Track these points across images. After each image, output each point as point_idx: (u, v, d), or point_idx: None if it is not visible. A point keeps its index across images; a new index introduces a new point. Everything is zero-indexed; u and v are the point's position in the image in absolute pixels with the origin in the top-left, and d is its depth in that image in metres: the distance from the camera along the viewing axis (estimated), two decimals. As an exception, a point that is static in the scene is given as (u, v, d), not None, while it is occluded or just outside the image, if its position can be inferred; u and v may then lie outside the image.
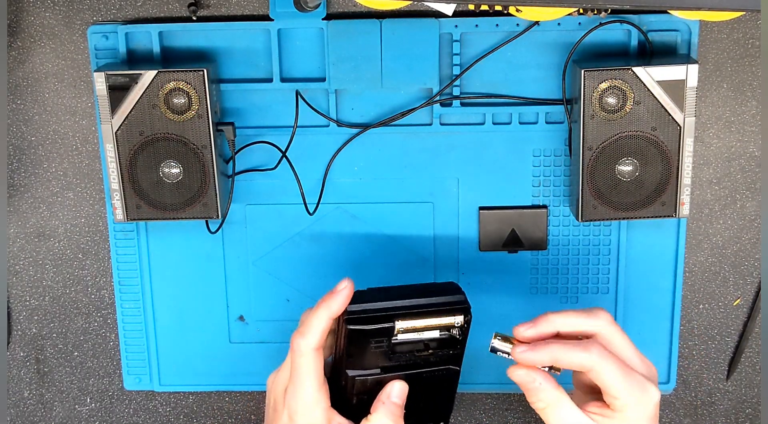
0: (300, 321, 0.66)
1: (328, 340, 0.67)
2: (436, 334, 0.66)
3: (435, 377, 0.68)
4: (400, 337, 0.65)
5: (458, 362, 0.68)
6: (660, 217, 0.74)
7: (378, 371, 0.67)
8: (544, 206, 0.79)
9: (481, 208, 0.80)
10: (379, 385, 0.67)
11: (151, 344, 0.83)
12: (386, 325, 0.64)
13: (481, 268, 0.81)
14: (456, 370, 0.68)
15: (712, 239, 0.82)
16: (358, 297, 0.65)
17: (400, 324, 0.65)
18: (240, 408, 0.87)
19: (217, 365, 0.84)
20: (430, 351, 0.66)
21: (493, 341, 0.66)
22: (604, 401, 0.65)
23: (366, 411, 0.67)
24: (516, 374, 0.66)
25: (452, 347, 0.67)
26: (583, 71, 0.71)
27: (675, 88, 0.71)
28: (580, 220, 0.74)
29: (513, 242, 0.80)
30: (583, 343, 0.64)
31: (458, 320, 0.66)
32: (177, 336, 0.83)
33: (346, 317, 0.64)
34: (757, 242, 0.81)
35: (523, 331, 0.65)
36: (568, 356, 0.63)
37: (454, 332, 0.66)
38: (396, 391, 0.67)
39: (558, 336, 0.66)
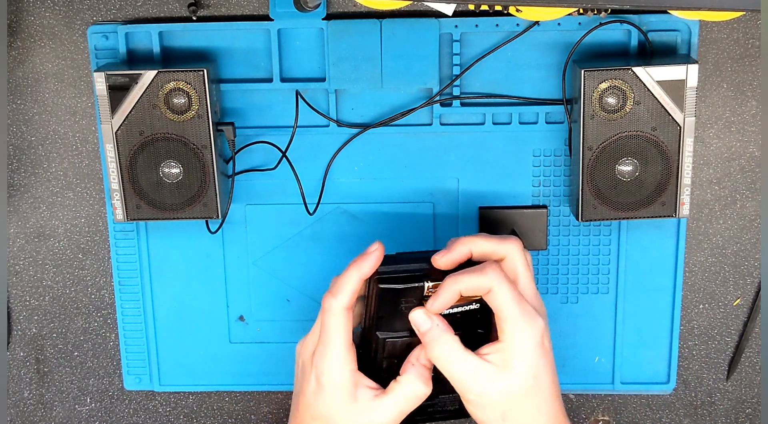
0: (330, 285, 0.68)
1: (357, 308, 0.69)
2: (465, 306, 0.67)
3: (464, 343, 0.68)
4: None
5: (486, 328, 0.69)
6: (660, 217, 0.74)
7: (407, 333, 0.68)
8: (544, 206, 0.79)
9: (480, 208, 0.80)
10: (409, 348, 0.68)
11: (151, 344, 0.83)
12: (416, 284, 0.66)
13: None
14: (483, 334, 0.69)
15: (712, 239, 0.82)
16: (388, 260, 0.68)
17: (429, 285, 0.66)
18: (240, 408, 0.87)
19: (217, 365, 0.84)
20: (458, 315, 0.67)
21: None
22: (493, 340, 0.66)
23: (395, 376, 0.68)
24: (415, 314, 0.67)
25: (481, 312, 0.68)
26: (583, 71, 0.71)
27: (675, 88, 0.71)
28: (580, 220, 0.74)
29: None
30: (480, 267, 0.65)
31: None
32: (177, 336, 0.83)
33: (378, 277, 0.67)
34: (757, 242, 0.81)
35: (439, 258, 0.66)
36: (467, 280, 0.64)
37: (478, 296, 0.67)
38: (424, 353, 0.68)
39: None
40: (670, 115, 0.71)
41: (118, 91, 0.72)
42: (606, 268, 0.81)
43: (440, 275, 0.67)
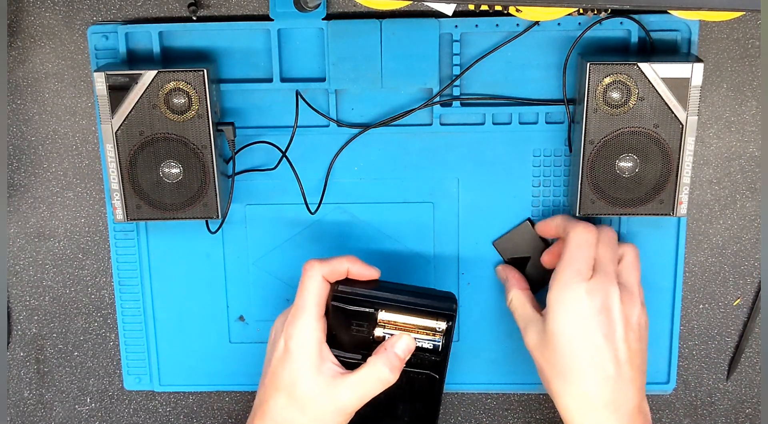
0: None
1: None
2: (418, 342, 0.70)
3: (415, 381, 0.71)
4: (384, 333, 0.70)
5: (440, 371, 0.71)
6: (657, 214, 0.74)
7: (359, 357, 0.70)
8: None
9: (530, 220, 0.79)
10: None
11: (151, 344, 0.83)
12: (367, 309, 0.69)
13: (482, 268, 0.81)
14: (435, 377, 0.72)
15: (712, 239, 0.82)
16: (359, 283, 0.70)
17: (383, 315, 0.69)
18: (240, 408, 0.87)
19: (217, 365, 0.84)
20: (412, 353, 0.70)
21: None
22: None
23: None
24: (497, 270, 0.80)
25: (433, 353, 0.70)
26: (588, 64, 0.70)
27: (679, 86, 0.71)
28: (578, 214, 0.74)
29: (520, 266, 0.80)
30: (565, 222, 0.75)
31: (441, 325, 0.70)
32: (177, 336, 0.83)
33: (335, 294, 0.69)
34: (757, 242, 0.81)
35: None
36: (566, 221, 0.75)
37: (436, 336, 0.70)
38: (401, 343, 0.70)
39: None
40: (673, 112, 0.71)
41: (118, 91, 0.72)
42: (606, 268, 0.81)
43: (396, 309, 0.69)
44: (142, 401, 0.87)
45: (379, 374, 0.68)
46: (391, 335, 0.70)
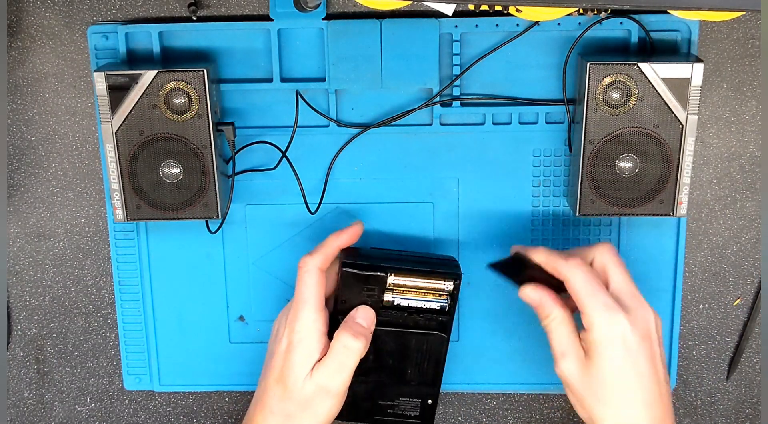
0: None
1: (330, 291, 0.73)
2: (426, 303, 0.72)
3: (424, 342, 0.74)
4: (393, 297, 0.72)
5: (446, 330, 0.74)
6: (657, 214, 0.74)
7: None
8: None
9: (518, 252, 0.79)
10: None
11: (151, 344, 0.83)
12: (378, 273, 0.71)
13: (482, 268, 0.81)
14: (443, 337, 0.74)
15: (712, 239, 0.82)
16: (363, 252, 0.73)
17: (392, 279, 0.71)
18: (240, 408, 0.87)
19: (217, 365, 0.84)
20: (420, 315, 0.72)
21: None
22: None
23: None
24: (525, 292, 0.71)
25: (441, 313, 0.72)
26: (588, 64, 0.70)
27: (679, 87, 0.71)
28: (578, 214, 0.74)
29: (519, 268, 0.79)
30: (565, 253, 0.70)
31: (448, 285, 0.72)
32: (177, 336, 0.83)
33: (343, 261, 0.71)
34: (757, 242, 0.81)
35: (521, 248, 0.73)
36: (552, 258, 0.70)
37: (443, 297, 0.72)
38: (360, 312, 0.72)
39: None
40: (673, 113, 0.71)
41: (118, 91, 0.72)
42: (606, 268, 0.81)
43: (405, 272, 0.71)
44: (142, 401, 0.87)
45: (345, 343, 0.69)
46: (400, 301, 0.72)
